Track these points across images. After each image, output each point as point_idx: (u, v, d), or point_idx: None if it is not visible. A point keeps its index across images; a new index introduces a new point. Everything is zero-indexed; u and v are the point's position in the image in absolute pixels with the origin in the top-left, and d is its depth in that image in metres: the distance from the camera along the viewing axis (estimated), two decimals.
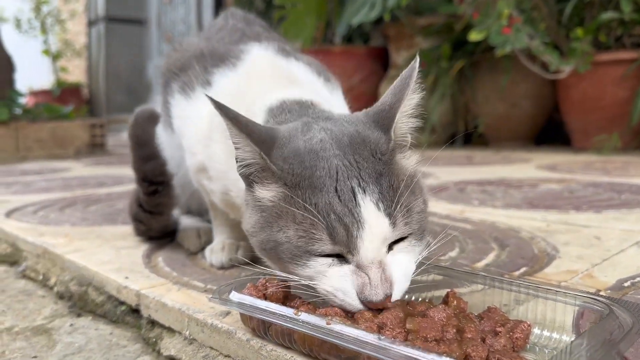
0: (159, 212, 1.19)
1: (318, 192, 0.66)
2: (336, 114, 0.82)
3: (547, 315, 0.69)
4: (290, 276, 0.70)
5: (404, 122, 0.74)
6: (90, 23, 8.09)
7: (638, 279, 0.91)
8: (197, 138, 0.95)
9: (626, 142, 3.01)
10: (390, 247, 0.68)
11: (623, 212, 1.43)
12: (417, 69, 0.73)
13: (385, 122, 0.73)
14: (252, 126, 0.71)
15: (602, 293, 0.85)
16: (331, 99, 0.97)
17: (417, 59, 0.73)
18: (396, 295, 0.65)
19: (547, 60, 2.96)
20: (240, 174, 0.74)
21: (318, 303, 0.69)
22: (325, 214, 0.65)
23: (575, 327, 0.68)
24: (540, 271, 0.97)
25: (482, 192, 1.84)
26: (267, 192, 0.71)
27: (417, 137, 0.77)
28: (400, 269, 0.67)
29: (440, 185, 2.01)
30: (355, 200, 0.65)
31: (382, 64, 4.19)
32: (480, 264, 1.03)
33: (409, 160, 0.74)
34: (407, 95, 0.72)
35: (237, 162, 0.73)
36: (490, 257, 1.07)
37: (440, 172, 2.40)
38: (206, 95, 0.71)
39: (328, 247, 0.65)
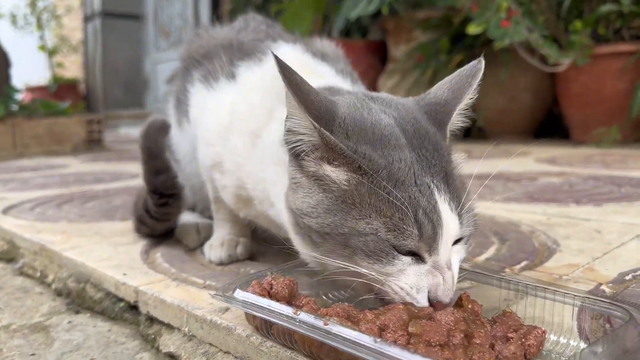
0: (165, 219, 1.17)
1: (400, 184, 0.64)
2: (382, 94, 0.80)
3: (551, 314, 0.68)
4: (347, 266, 0.66)
5: (458, 121, 0.74)
6: (87, 18, 8.04)
7: (639, 272, 0.91)
8: (216, 129, 0.93)
9: (626, 135, 3.00)
10: None
11: (623, 205, 1.43)
12: (482, 70, 0.73)
13: (439, 117, 0.73)
14: (313, 96, 0.67)
15: (603, 286, 0.84)
16: None
17: (482, 60, 0.74)
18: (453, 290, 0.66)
19: (546, 53, 2.95)
20: (289, 148, 0.70)
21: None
22: (414, 209, 0.63)
23: (581, 328, 0.67)
24: (540, 265, 0.97)
25: (482, 185, 1.83)
26: (338, 173, 0.67)
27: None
28: (457, 271, 0.68)
29: None
30: (434, 198, 0.64)
31: (381, 57, 4.17)
32: (481, 258, 1.02)
33: (458, 158, 0.74)
34: (468, 95, 0.72)
35: (287, 132, 0.69)
36: (490, 251, 1.06)
37: None
38: (272, 53, 0.66)
39: (415, 243, 0.63)
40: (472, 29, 3.01)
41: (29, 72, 7.19)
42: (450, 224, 0.65)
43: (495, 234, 1.18)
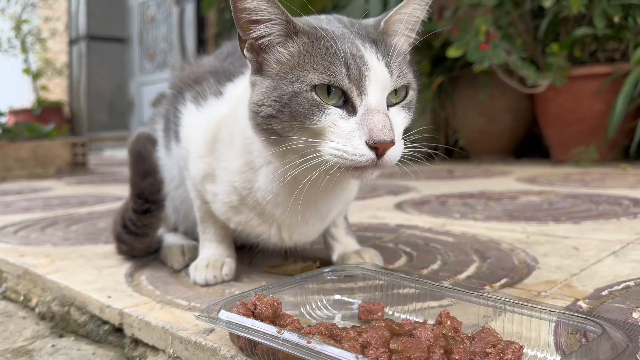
0: (143, 234, 1.18)
1: (338, 41, 0.78)
2: None
3: (529, 329, 0.70)
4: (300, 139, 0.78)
5: (400, 26, 0.85)
6: (72, 42, 8.06)
7: (615, 287, 0.93)
8: (205, 141, 1.00)
9: (603, 154, 3.07)
10: (388, 108, 0.80)
11: (600, 223, 1.46)
12: None
13: (382, 18, 0.86)
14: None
15: (580, 302, 0.87)
16: None
17: None
18: (397, 144, 0.76)
19: (525, 75, 3.02)
20: (257, 46, 0.83)
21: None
22: (343, 55, 0.77)
23: (557, 342, 0.69)
24: (520, 282, 0.99)
25: (463, 205, 1.87)
26: (287, 49, 0.81)
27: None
28: (396, 124, 0.80)
29: (422, 199, 2.03)
30: (363, 51, 0.78)
31: None
32: (462, 276, 1.04)
33: (402, 44, 0.86)
34: (407, 3, 0.84)
35: (256, 39, 0.82)
36: (471, 269, 1.08)
37: (421, 186, 2.42)
38: None
39: (345, 82, 0.76)
40: (452, 52, 3.08)
41: (13, 95, 7.17)
42: (377, 68, 0.78)
43: (476, 252, 1.21)
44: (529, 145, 3.76)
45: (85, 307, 1.00)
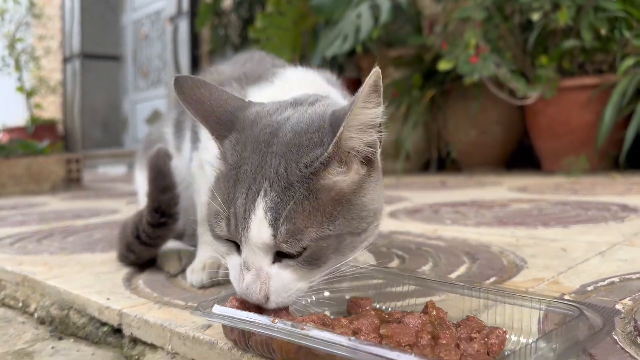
0: (155, 244, 1.21)
1: (239, 183, 0.72)
2: (325, 100, 0.85)
3: (515, 320, 0.72)
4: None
5: (355, 136, 0.71)
6: (66, 60, 8.11)
7: (600, 283, 0.96)
8: None
9: (594, 164, 3.12)
10: (280, 259, 0.71)
11: (589, 227, 1.49)
12: (375, 78, 0.66)
13: (335, 129, 0.69)
14: (215, 107, 0.79)
15: (566, 296, 0.89)
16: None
17: (377, 69, 0.67)
18: (270, 305, 0.71)
19: (515, 87, 3.08)
20: None
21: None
22: (229, 206, 0.72)
23: (542, 330, 0.71)
24: (509, 280, 1.02)
25: (455, 212, 1.90)
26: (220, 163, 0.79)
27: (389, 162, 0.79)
28: (281, 282, 0.71)
29: (415, 208, 2.06)
30: (255, 203, 0.69)
31: None
32: (452, 275, 1.07)
33: (345, 178, 0.72)
34: (356, 106, 0.67)
35: None
36: (461, 269, 1.11)
37: (415, 196, 2.45)
38: (175, 77, 0.80)
39: (225, 233, 0.73)
40: (443, 66, 3.14)
41: (7, 113, 7.19)
42: (255, 230, 0.68)
43: (467, 254, 1.23)
44: (520, 156, 3.80)
45: (84, 309, 1.02)
